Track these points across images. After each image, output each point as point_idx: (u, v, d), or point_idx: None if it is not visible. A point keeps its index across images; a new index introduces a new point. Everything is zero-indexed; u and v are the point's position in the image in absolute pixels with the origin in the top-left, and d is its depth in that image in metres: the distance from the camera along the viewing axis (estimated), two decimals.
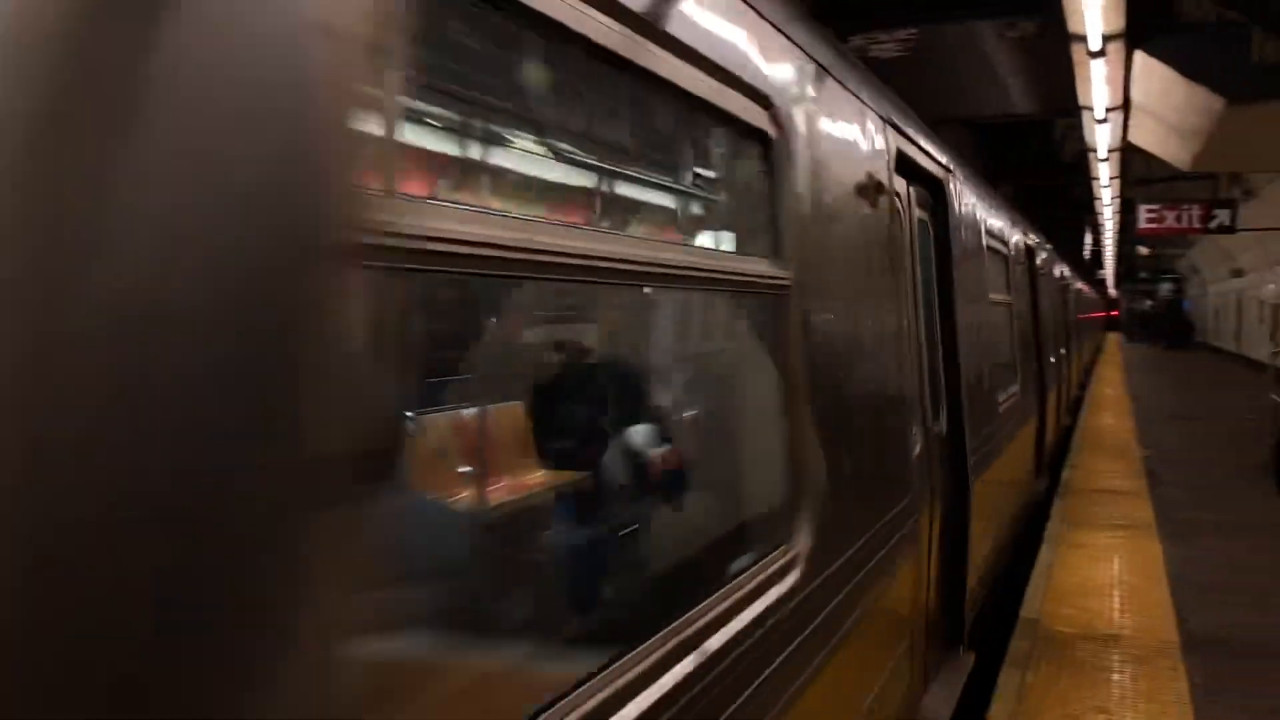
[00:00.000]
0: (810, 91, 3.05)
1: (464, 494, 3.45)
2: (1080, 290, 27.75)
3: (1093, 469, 12.36)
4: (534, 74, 2.33)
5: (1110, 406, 20.13)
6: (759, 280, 2.67)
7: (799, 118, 2.84)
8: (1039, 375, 10.27)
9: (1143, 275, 57.88)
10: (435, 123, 3.14)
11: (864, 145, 3.71)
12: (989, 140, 18.11)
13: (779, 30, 2.78)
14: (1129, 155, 13.96)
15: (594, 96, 2.68)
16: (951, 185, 5.57)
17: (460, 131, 3.34)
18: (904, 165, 4.35)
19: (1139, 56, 6.91)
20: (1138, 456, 13.33)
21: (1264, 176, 20.00)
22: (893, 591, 3.75)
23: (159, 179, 0.91)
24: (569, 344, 3.64)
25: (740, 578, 2.36)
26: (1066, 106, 10.02)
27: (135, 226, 0.89)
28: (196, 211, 0.95)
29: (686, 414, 3.77)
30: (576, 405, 3.54)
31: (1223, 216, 17.35)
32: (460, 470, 3.58)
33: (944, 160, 5.47)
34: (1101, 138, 10.48)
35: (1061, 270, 16.64)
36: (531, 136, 3.35)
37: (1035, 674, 5.58)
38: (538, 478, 3.68)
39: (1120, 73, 7.28)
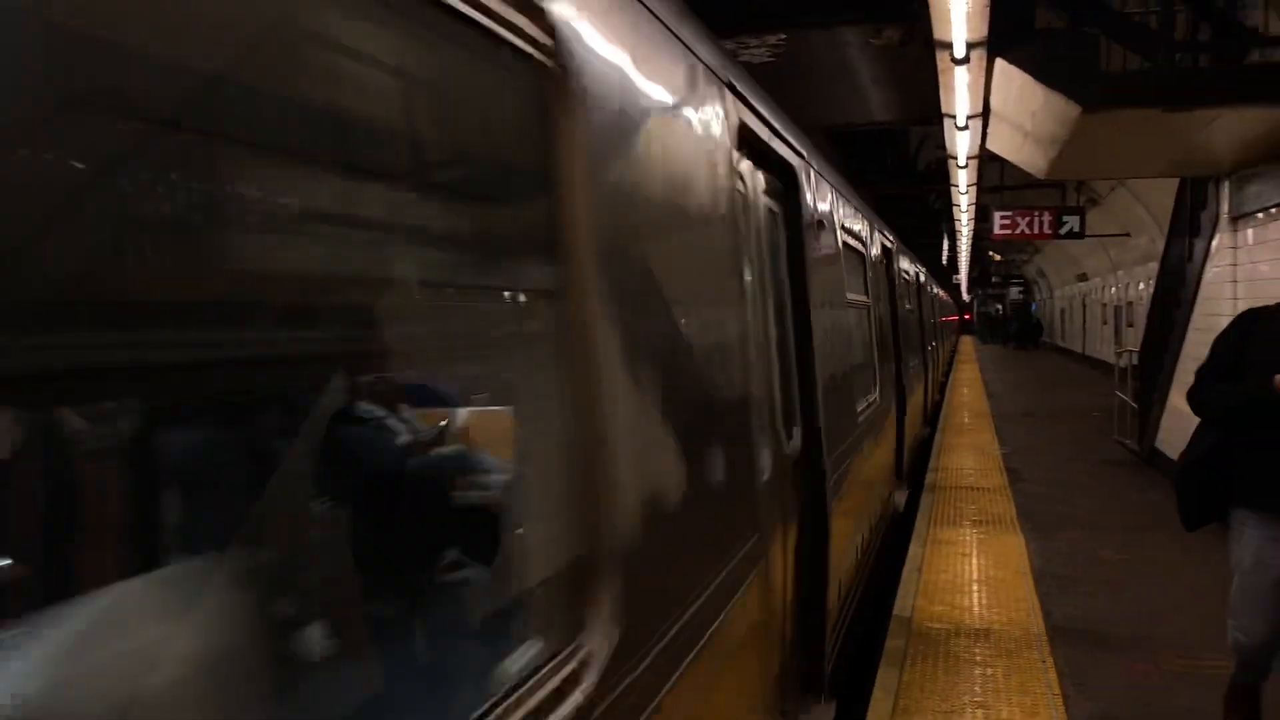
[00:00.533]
0: (877, 237, 8.02)
1: None
2: (939, 296, 28.87)
3: (956, 467, 12.72)
4: None
5: (969, 404, 20.83)
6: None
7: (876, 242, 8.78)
8: (925, 358, 15.86)
9: (994, 280, 60.23)
10: None
11: (877, 247, 8.43)
12: (848, 148, 18.53)
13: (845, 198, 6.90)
14: (983, 163, 14.43)
15: None
16: (895, 251, 10.26)
17: None
18: (883, 247, 8.94)
19: (999, 64, 7.11)
20: (997, 454, 13.79)
21: (1106, 184, 21.00)
22: (886, 442, 8.49)
23: None
24: None
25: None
26: (927, 114, 10.28)
27: None
28: None
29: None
30: None
31: (1072, 223, 18.12)
32: None
33: (892, 238, 9.86)
34: (962, 145, 10.79)
35: (931, 283, 23.03)
36: None
37: (912, 672, 5.66)
38: None
39: (982, 80, 7.49)
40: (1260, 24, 7.67)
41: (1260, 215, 8.60)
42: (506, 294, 1.92)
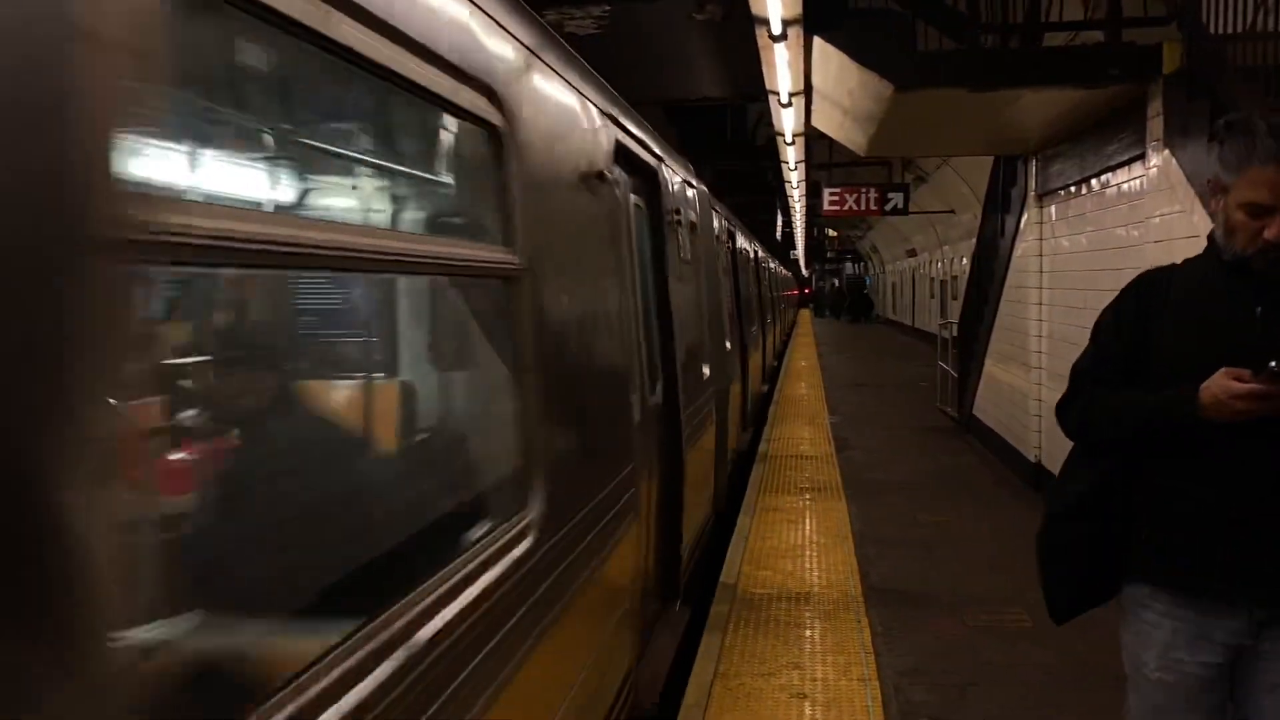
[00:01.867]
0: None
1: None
2: (778, 271, 29.57)
3: (787, 436, 13.06)
4: None
5: (804, 376, 21.41)
6: None
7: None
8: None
9: (830, 255, 61.92)
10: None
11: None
12: (687, 124, 18.69)
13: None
14: (813, 140, 14.77)
15: None
16: (737, 236, 10.65)
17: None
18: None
19: (817, 42, 7.27)
20: (827, 423, 14.22)
21: (933, 162, 21.83)
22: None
23: None
24: None
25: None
26: (756, 91, 10.44)
27: None
28: None
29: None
30: None
31: (897, 199, 18.80)
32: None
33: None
34: (788, 121, 11.01)
35: (770, 259, 23.81)
36: None
37: (734, 636, 5.77)
38: None
39: (801, 58, 7.65)
40: (1057, 9, 8.07)
41: (1062, 193, 9.07)
42: None
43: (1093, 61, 6.79)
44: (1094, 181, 8.19)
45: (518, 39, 2.81)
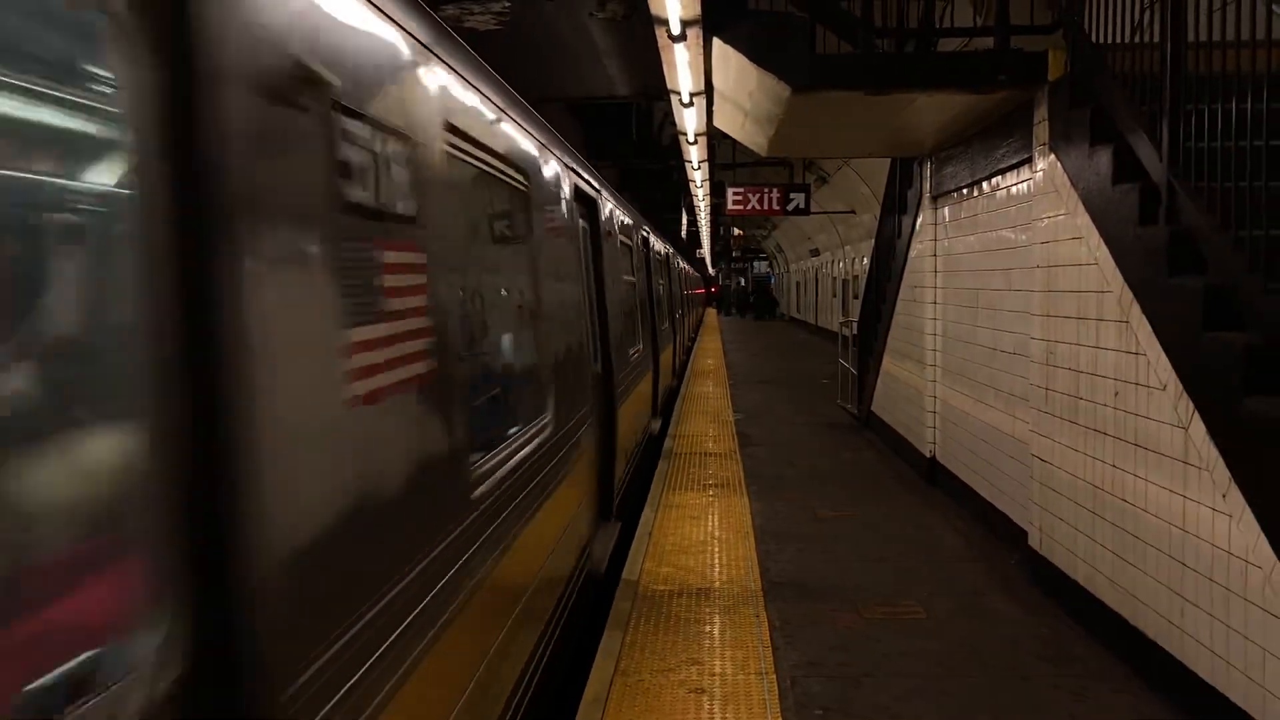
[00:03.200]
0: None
1: None
2: (686, 270, 29.81)
3: (692, 434, 13.15)
4: None
5: (710, 375, 21.58)
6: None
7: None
8: (678, 321, 17.31)
9: (736, 254, 62.51)
10: None
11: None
12: (592, 121, 18.72)
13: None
14: (717, 140, 14.90)
15: None
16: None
17: None
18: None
19: (717, 43, 7.34)
20: (731, 420, 14.36)
21: (834, 164, 22.21)
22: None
23: None
24: None
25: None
26: (659, 91, 10.49)
27: None
28: None
29: None
30: None
31: (799, 199, 19.06)
32: None
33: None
34: (689, 121, 11.09)
35: (680, 260, 25.26)
36: None
37: (635, 633, 5.80)
38: None
39: (701, 58, 7.71)
40: (950, 15, 8.27)
41: (955, 195, 9.31)
42: None
43: (982, 67, 6.97)
44: (985, 184, 8.42)
45: None
